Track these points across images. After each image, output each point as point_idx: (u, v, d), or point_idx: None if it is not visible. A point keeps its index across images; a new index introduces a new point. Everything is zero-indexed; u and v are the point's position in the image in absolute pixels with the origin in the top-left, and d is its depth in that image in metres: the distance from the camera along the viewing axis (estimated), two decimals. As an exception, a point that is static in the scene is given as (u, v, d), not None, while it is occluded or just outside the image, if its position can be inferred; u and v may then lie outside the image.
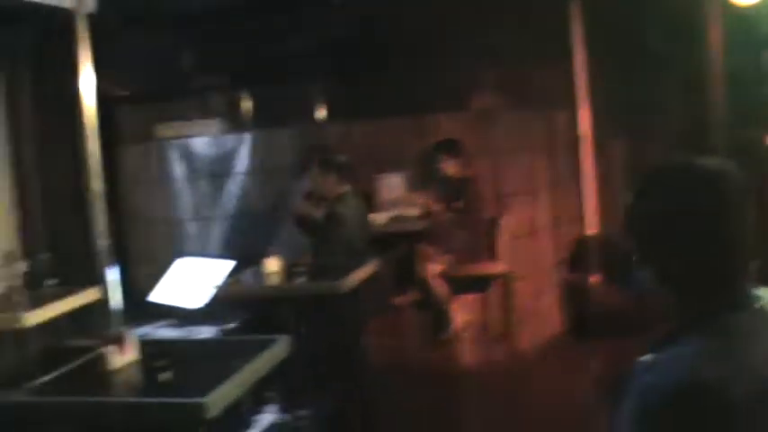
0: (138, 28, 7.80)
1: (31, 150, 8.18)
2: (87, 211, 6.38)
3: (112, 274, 5.92)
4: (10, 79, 8.32)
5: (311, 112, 8.71)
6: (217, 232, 8.08)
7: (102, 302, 5.25)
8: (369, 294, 6.28)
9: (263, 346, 3.39)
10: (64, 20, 5.88)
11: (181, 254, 7.56)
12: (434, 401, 6.12)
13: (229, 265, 6.91)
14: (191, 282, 6.75)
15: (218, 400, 2.80)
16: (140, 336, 3.44)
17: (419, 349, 6.89)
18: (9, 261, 5.12)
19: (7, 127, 8.36)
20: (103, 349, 3.27)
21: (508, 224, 7.10)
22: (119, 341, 3.24)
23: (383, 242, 6.94)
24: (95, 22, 5.93)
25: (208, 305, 6.50)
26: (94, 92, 6.23)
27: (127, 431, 2.99)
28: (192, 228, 8.14)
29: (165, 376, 3.04)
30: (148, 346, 3.34)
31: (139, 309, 6.87)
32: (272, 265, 5.16)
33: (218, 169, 8.07)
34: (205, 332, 5.88)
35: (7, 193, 8.29)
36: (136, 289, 7.62)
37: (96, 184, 6.01)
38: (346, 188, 6.51)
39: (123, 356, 3.26)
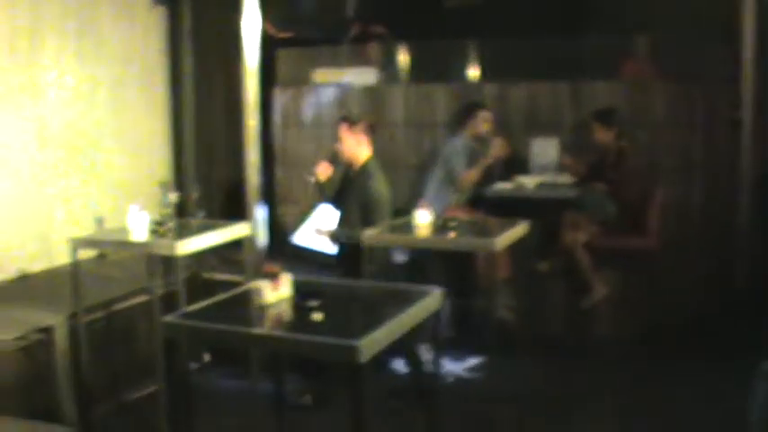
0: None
1: (189, 84, 8.36)
2: (240, 148, 6.49)
3: (260, 213, 5.99)
4: (172, 15, 8.51)
5: (466, 69, 8.64)
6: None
7: (250, 239, 5.30)
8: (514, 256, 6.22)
9: (416, 296, 3.36)
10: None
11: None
12: (566, 369, 6.04)
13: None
14: (333, 227, 6.81)
15: (370, 344, 2.78)
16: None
17: (557, 316, 6.82)
18: (163, 191, 5.20)
19: (167, 60, 8.58)
20: (258, 283, 3.29)
21: (659, 199, 6.88)
22: (273, 276, 3.25)
23: (531, 206, 6.86)
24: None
25: (347, 251, 6.55)
26: (258, 32, 6.29)
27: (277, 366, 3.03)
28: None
29: (316, 316, 3.05)
30: (300, 285, 3.35)
31: (282, 249, 6.99)
32: (423, 217, 5.12)
33: (372, 118, 8.07)
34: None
35: (165, 124, 8.53)
36: (281, 230, 7.75)
37: (252, 121, 6.07)
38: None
39: (276, 292, 3.27)
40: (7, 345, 5.06)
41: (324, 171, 6.07)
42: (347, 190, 5.99)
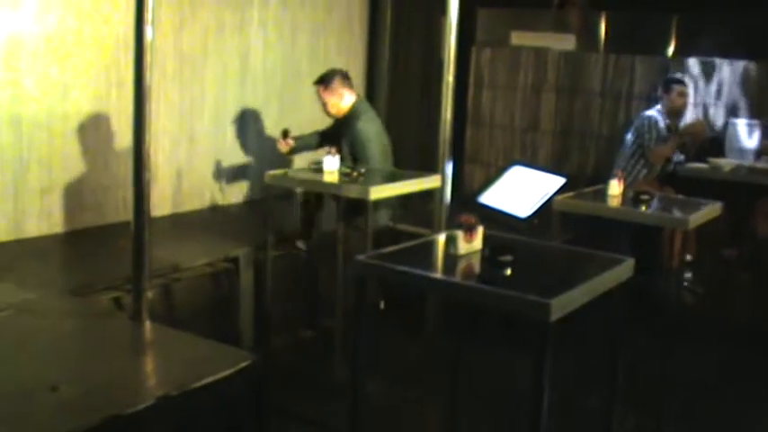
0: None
1: (387, 34, 8.45)
2: (433, 105, 6.52)
3: (448, 169, 6.00)
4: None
5: (666, 43, 8.38)
6: (553, 146, 8.02)
7: (439, 192, 5.33)
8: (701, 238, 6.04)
9: (608, 263, 3.31)
10: None
11: (514, 162, 7.62)
12: (746, 358, 5.85)
13: (560, 180, 6.88)
14: (522, 190, 6.77)
15: (562, 304, 2.76)
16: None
17: (741, 304, 6.59)
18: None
19: (366, 12, 8.69)
20: (451, 233, 3.31)
21: None
22: (469, 228, 3.26)
23: (724, 189, 6.62)
24: None
25: (534, 216, 6.52)
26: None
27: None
28: (528, 138, 8.13)
29: (508, 271, 3.05)
30: (493, 240, 3.35)
31: (466, 208, 6.99)
32: (616, 187, 5.04)
33: (566, 85, 7.97)
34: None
35: (361, 73, 8.66)
36: (464, 188, 7.77)
37: (448, 77, 6.06)
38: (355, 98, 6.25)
39: (470, 244, 3.29)
40: (197, 270, 5.29)
41: (284, 147, 6.36)
42: (338, 135, 6.13)
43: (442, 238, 3.51)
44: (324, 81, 6.17)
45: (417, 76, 8.59)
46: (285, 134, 6.24)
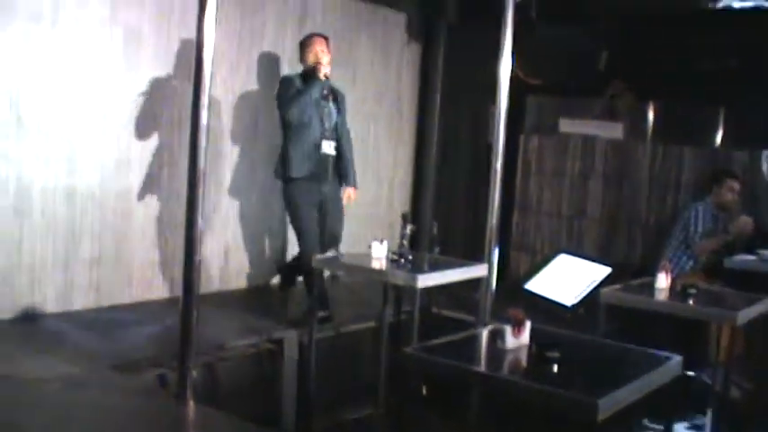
0: (556, 21, 7.87)
1: (435, 121, 8.54)
2: (480, 190, 6.55)
3: (495, 255, 6.01)
4: (425, 53, 8.74)
5: (713, 133, 8.37)
6: (599, 234, 8.00)
7: (485, 280, 5.32)
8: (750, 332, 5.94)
9: (657, 361, 3.28)
10: (481, 4, 6.04)
11: (560, 249, 7.60)
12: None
13: (606, 270, 6.85)
14: (568, 279, 6.75)
15: (609, 404, 2.74)
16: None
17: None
18: (404, 222, 5.33)
19: (415, 98, 8.80)
20: (500, 326, 3.31)
21: None
22: (517, 322, 3.26)
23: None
24: (517, 10, 6.02)
25: (580, 305, 6.49)
26: (509, 77, 6.33)
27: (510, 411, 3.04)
28: (575, 225, 8.12)
29: (555, 368, 3.03)
30: (539, 334, 3.34)
31: (512, 295, 6.98)
32: (663, 281, 5.01)
33: (613, 173, 7.98)
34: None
35: (409, 158, 8.74)
36: (510, 274, 7.75)
37: (498, 164, 6.11)
38: None
39: (517, 338, 3.28)
40: (241, 350, 5.31)
41: None
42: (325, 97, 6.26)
43: (488, 332, 3.51)
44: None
45: (465, 161, 8.65)
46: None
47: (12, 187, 5.59)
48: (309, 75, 6.15)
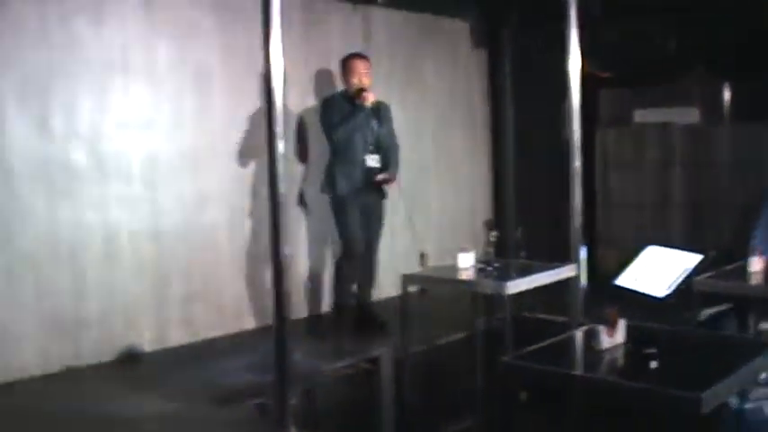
0: (622, 11, 7.76)
1: (509, 124, 8.49)
2: (561, 189, 6.48)
3: (582, 254, 5.94)
4: (492, 56, 8.70)
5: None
6: (685, 221, 7.85)
7: (574, 280, 5.26)
8: None
9: (756, 349, 3.20)
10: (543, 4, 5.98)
11: (647, 240, 7.46)
12: None
13: (696, 258, 6.70)
14: (658, 270, 6.62)
15: (713, 397, 2.68)
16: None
17: None
18: (488, 229, 5.30)
19: (486, 103, 8.77)
20: (594, 327, 3.27)
21: None
22: (611, 322, 3.21)
23: None
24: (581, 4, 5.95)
25: (672, 295, 6.35)
26: (579, 73, 6.26)
27: (612, 412, 2.99)
28: (659, 215, 7.99)
29: (653, 364, 2.98)
30: (635, 331, 3.29)
31: (603, 292, 6.88)
32: (756, 264, 4.89)
33: (693, 159, 7.83)
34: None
35: (486, 164, 8.71)
36: (600, 271, 7.64)
37: (576, 162, 6.05)
38: None
39: (612, 338, 3.24)
40: (338, 372, 5.32)
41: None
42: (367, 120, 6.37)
43: (582, 333, 3.46)
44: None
45: (542, 161, 8.56)
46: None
47: (100, 233, 5.72)
48: (354, 98, 6.30)
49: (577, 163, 5.91)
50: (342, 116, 6.25)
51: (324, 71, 7.01)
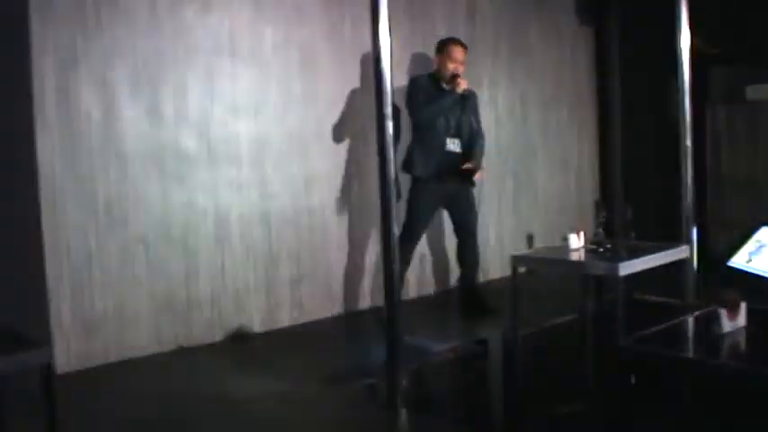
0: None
1: (617, 103, 8.34)
2: (670, 167, 6.35)
3: (693, 235, 5.82)
4: (598, 34, 8.54)
5: None
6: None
7: (687, 261, 5.14)
8: None
9: None
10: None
11: (763, 222, 7.25)
12: None
13: (815, 238, 6.48)
14: (774, 251, 6.44)
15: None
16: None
17: None
18: (598, 210, 5.22)
19: (593, 81, 8.62)
20: (713, 310, 3.19)
21: None
22: (732, 305, 3.13)
23: None
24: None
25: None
26: (688, 49, 6.12)
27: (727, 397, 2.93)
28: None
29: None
30: (757, 315, 3.20)
31: (716, 273, 6.72)
32: None
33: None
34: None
35: (593, 143, 8.58)
36: (712, 252, 7.46)
37: (686, 141, 5.92)
38: None
39: (733, 321, 3.15)
40: (446, 354, 5.32)
41: None
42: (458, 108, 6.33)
43: (699, 316, 3.38)
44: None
45: (651, 139, 8.39)
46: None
47: (210, 216, 5.82)
48: (446, 84, 6.27)
49: (688, 141, 5.79)
50: (427, 98, 6.20)
51: (432, 53, 6.98)
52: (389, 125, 3.80)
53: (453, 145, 6.29)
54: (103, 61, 5.34)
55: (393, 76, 3.84)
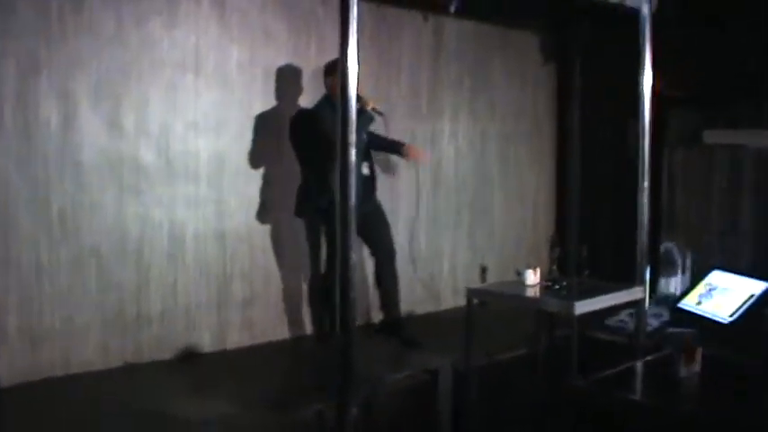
0: (696, 28, 7.64)
1: (576, 141, 8.40)
2: (626, 208, 6.39)
3: (646, 276, 5.86)
4: (561, 72, 8.62)
5: None
6: (754, 249, 7.69)
7: (641, 303, 5.18)
8: None
9: None
10: (622, 18, 5.90)
11: (713, 266, 7.33)
12: None
13: (763, 285, 6.56)
14: (723, 295, 6.51)
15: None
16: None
17: None
18: (552, 246, 5.25)
19: (554, 118, 8.69)
20: (670, 354, 3.20)
21: None
22: (689, 351, 3.15)
23: None
24: (654, 20, 5.88)
25: (739, 321, 6.23)
26: (650, 90, 6.18)
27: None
28: (727, 241, 7.83)
29: (728, 395, 2.91)
30: (711, 362, 3.22)
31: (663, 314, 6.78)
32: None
33: (765, 183, 7.66)
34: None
35: (551, 179, 8.63)
36: (661, 293, 7.52)
37: (644, 182, 5.97)
38: None
39: (689, 367, 3.17)
40: (397, 383, 5.29)
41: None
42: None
43: (656, 360, 3.40)
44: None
45: (608, 179, 8.46)
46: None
47: (165, 231, 5.77)
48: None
49: (646, 183, 5.84)
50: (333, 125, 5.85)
51: (396, 85, 6.99)
52: (353, 152, 3.78)
53: (366, 169, 6.06)
54: (66, 70, 5.29)
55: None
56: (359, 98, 5.91)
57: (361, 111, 5.73)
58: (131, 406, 4.81)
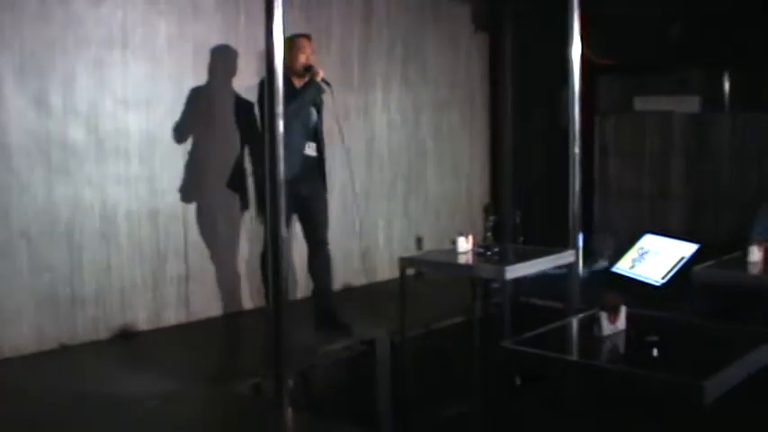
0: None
1: (508, 109, 8.47)
2: (559, 175, 6.48)
3: (579, 241, 5.95)
4: (493, 41, 8.67)
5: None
6: (684, 212, 7.84)
7: (573, 267, 5.25)
8: None
9: (759, 339, 3.19)
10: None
11: (644, 230, 7.47)
12: None
13: (694, 247, 6.71)
14: (655, 259, 6.64)
15: (716, 385, 2.67)
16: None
17: None
18: (487, 215, 5.30)
19: (486, 87, 8.75)
20: (593, 313, 3.26)
21: None
22: (613, 308, 3.20)
23: None
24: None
25: (669, 283, 6.37)
26: (579, 59, 6.25)
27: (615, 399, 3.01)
28: (657, 204, 7.98)
29: (655, 352, 2.97)
30: (636, 318, 3.28)
31: (599, 278, 6.90)
32: (756, 254, 4.87)
33: (694, 148, 7.81)
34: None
35: (485, 148, 8.69)
36: (595, 258, 7.64)
37: (575, 149, 6.05)
38: None
39: (613, 324, 3.23)
40: (334, 354, 5.33)
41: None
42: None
43: (582, 319, 3.46)
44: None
45: (541, 147, 8.55)
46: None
47: (97, 212, 5.70)
48: (298, 80, 5.77)
49: (577, 149, 5.91)
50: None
51: (327, 54, 6.95)
52: (280, 124, 3.78)
53: (311, 149, 5.87)
54: (-12, 49, 5.19)
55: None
56: (309, 68, 5.90)
57: (311, 81, 5.69)
58: (67, 387, 4.77)
